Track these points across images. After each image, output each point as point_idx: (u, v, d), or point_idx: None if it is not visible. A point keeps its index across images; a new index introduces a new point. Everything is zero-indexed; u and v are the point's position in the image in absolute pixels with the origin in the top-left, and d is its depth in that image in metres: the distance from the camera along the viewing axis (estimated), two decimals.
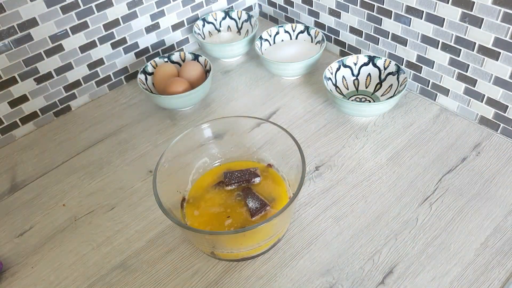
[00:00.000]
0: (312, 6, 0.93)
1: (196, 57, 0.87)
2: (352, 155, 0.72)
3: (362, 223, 0.62)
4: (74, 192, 0.72)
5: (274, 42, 0.93)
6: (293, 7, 0.98)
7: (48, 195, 0.72)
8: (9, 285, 0.60)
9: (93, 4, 0.80)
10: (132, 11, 0.86)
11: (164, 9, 0.91)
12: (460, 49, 0.70)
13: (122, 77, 0.92)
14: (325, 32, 0.94)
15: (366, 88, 0.82)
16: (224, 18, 0.98)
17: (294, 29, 0.93)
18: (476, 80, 0.71)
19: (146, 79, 0.85)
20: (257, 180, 0.63)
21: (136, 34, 0.89)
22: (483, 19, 0.65)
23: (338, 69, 0.82)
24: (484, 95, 0.71)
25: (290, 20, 1.01)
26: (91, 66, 0.86)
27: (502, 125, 0.71)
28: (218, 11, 0.98)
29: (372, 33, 0.84)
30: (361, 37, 0.87)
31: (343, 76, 0.82)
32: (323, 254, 0.59)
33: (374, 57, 0.81)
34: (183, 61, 0.88)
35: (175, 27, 0.95)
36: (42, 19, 0.76)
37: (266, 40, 0.92)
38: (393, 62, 0.79)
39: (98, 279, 0.60)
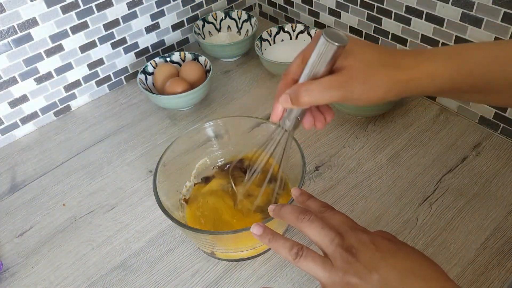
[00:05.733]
0: (312, 6, 0.93)
1: (196, 57, 0.87)
2: (352, 155, 0.72)
3: (362, 223, 0.62)
4: (74, 192, 0.72)
5: (274, 42, 0.93)
6: (293, 7, 0.98)
7: (48, 195, 0.72)
8: (9, 285, 0.60)
9: (93, 4, 0.80)
10: (132, 11, 0.86)
11: (164, 9, 0.91)
12: None
13: (122, 77, 0.92)
14: None
15: None
16: (224, 18, 0.98)
17: (294, 29, 0.93)
18: None
19: (146, 79, 0.85)
20: None
21: (136, 34, 0.89)
22: (483, 19, 0.65)
23: None
24: None
25: (290, 20, 1.01)
26: (91, 66, 0.86)
27: (502, 125, 0.71)
28: (218, 11, 0.98)
29: (372, 33, 0.84)
30: (361, 37, 0.86)
31: None
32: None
33: None
34: (183, 61, 0.88)
35: (175, 27, 0.95)
36: (42, 19, 0.76)
37: (266, 40, 0.92)
38: None
39: (98, 279, 0.60)
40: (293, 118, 0.46)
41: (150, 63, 0.86)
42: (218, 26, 0.99)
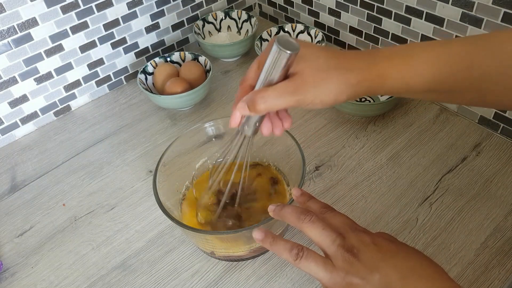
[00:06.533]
0: (312, 6, 0.93)
1: (196, 57, 0.87)
2: (352, 155, 0.72)
3: (362, 223, 0.62)
4: (74, 192, 0.72)
5: None
6: (293, 7, 0.98)
7: (48, 195, 0.72)
8: (9, 285, 0.60)
9: (93, 4, 0.80)
10: (132, 11, 0.86)
11: (164, 9, 0.91)
12: None
13: (122, 77, 0.92)
14: (325, 32, 0.94)
15: None
16: (224, 18, 0.98)
17: (294, 29, 0.93)
18: None
19: (146, 79, 0.85)
20: None
21: (136, 34, 0.89)
22: (483, 19, 0.65)
23: None
24: None
25: (290, 20, 1.01)
26: (91, 66, 0.86)
27: (502, 125, 0.71)
28: (218, 11, 0.98)
29: (372, 33, 0.84)
30: (361, 37, 0.86)
31: None
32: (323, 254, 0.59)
33: None
34: (183, 61, 0.88)
35: (175, 27, 0.95)
36: (42, 19, 0.76)
37: (266, 40, 0.92)
38: None
39: (98, 279, 0.60)
40: (252, 125, 0.47)
41: (150, 63, 0.86)
42: (218, 26, 0.99)
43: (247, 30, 0.97)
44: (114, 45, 0.88)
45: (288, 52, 0.39)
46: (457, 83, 0.41)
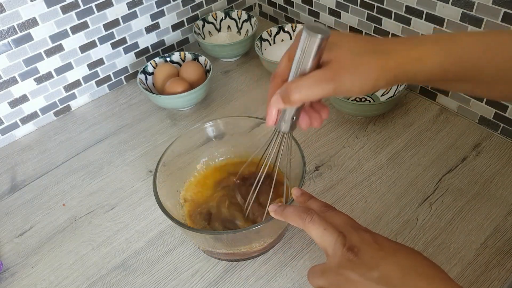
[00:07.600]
0: (312, 6, 0.93)
1: (196, 57, 0.87)
2: (352, 155, 0.72)
3: (362, 223, 0.62)
4: (74, 192, 0.72)
5: (274, 42, 0.93)
6: (293, 7, 0.98)
7: (48, 195, 0.72)
8: (9, 285, 0.60)
9: (93, 4, 0.80)
10: (132, 11, 0.86)
11: (164, 9, 0.91)
12: None
13: (122, 77, 0.92)
14: None
15: None
16: (224, 18, 0.98)
17: (294, 29, 0.92)
18: None
19: (146, 79, 0.85)
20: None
21: (136, 34, 0.89)
22: (483, 19, 0.65)
23: None
24: None
25: (290, 20, 1.01)
26: (91, 66, 0.86)
27: (502, 125, 0.71)
28: (218, 11, 0.98)
29: (372, 33, 0.84)
30: None
31: None
32: (323, 254, 0.59)
33: None
34: (183, 61, 0.88)
35: (175, 27, 0.95)
36: (42, 19, 0.76)
37: (266, 40, 0.92)
38: None
39: (98, 279, 0.60)
40: (289, 120, 0.45)
41: (150, 63, 0.86)
42: (218, 26, 0.99)
43: (247, 30, 0.97)
44: (114, 45, 0.88)
45: (319, 36, 0.38)
46: (500, 72, 0.40)
